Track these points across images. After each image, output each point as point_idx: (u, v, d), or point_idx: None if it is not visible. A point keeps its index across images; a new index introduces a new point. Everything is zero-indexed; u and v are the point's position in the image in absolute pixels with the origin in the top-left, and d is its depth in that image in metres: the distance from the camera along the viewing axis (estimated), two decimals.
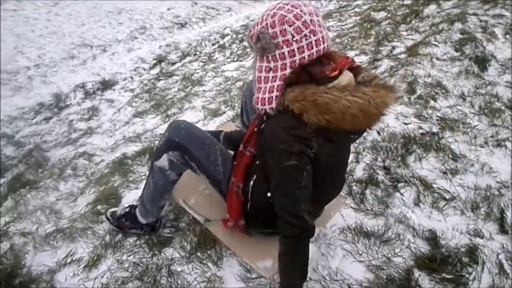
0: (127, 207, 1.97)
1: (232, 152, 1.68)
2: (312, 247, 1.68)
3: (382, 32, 4.16)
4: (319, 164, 1.31)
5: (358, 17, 5.54)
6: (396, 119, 2.41)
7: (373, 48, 3.68)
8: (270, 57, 1.27)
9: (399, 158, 2.10)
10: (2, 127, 4.79)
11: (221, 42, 6.51)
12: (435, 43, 3.36)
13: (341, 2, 7.63)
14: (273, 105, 1.27)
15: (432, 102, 2.60)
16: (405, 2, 5.45)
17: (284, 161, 1.26)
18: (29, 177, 3.28)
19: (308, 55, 1.25)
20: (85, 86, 5.40)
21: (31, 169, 3.45)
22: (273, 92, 1.28)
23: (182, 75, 5.21)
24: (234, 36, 6.71)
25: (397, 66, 3.14)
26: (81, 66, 5.94)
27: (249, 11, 8.05)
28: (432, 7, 4.55)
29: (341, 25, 5.42)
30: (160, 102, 4.25)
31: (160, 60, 6.00)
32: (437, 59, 3.14)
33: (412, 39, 3.68)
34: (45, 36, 6.74)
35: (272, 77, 1.28)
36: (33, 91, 5.43)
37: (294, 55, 1.24)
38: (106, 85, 5.42)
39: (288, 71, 1.27)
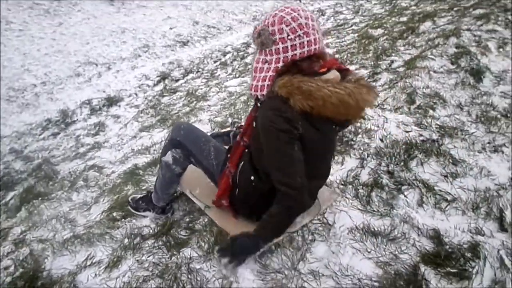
0: (145, 193, 2.30)
1: (227, 147, 1.90)
2: (322, 246, 1.79)
3: (380, 47, 4.32)
4: (305, 146, 1.47)
5: (356, 34, 5.71)
6: (398, 127, 2.53)
7: (372, 63, 3.83)
8: (267, 51, 1.46)
9: (402, 163, 2.21)
10: (10, 143, 4.89)
11: (223, 60, 6.67)
12: (432, 56, 3.50)
13: (338, 21, 7.85)
14: (264, 92, 1.46)
15: (431, 111, 2.73)
16: (401, 20, 5.65)
17: (275, 138, 1.44)
18: (40, 189, 3.37)
19: (300, 53, 1.42)
20: (91, 102, 5.53)
21: (42, 182, 3.54)
22: (265, 81, 1.46)
23: (186, 91, 5.34)
24: (235, 53, 6.88)
25: (396, 78, 3.27)
26: (87, 83, 6.08)
27: (249, 30, 8.25)
28: (428, 24, 4.73)
29: (339, 42, 5.59)
30: (166, 117, 4.36)
31: (163, 77, 6.14)
32: (434, 71, 3.27)
33: (409, 54, 3.83)
34: (50, 54, 6.91)
35: (266, 68, 1.47)
36: (40, 107, 5.56)
37: (287, 51, 1.42)
38: (112, 101, 5.55)
39: (280, 64, 1.44)
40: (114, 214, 2.33)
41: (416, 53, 3.75)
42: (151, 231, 2.05)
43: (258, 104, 1.55)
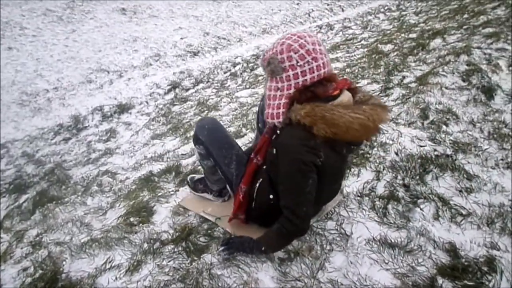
0: (203, 174, 2.31)
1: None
2: (340, 256, 1.82)
3: (391, 63, 4.37)
4: (324, 171, 1.56)
5: (366, 49, 5.79)
6: (412, 141, 2.57)
7: (384, 78, 3.88)
8: (278, 78, 1.53)
9: (418, 177, 2.25)
10: (23, 146, 4.95)
11: (233, 70, 6.76)
12: (443, 73, 3.55)
13: (347, 35, 7.95)
14: (280, 119, 1.54)
15: (444, 127, 2.77)
16: (410, 36, 5.73)
17: (296, 168, 1.52)
18: (53, 193, 3.41)
19: (310, 78, 1.49)
20: (102, 109, 5.60)
21: (55, 186, 3.58)
22: (280, 108, 1.54)
23: (197, 100, 5.40)
24: (245, 65, 6.97)
25: (408, 94, 3.32)
26: (98, 90, 6.16)
27: (258, 42, 8.37)
28: (438, 41, 4.80)
29: (349, 56, 5.67)
30: (178, 126, 4.42)
31: (174, 86, 6.22)
32: (446, 88, 3.32)
33: (420, 70, 3.89)
34: (63, 60, 7.01)
35: (279, 95, 1.54)
36: (52, 112, 5.64)
37: (298, 78, 1.49)
38: (123, 108, 5.62)
39: (292, 90, 1.52)
40: (131, 219, 2.36)
41: (428, 70, 3.80)
42: (169, 236, 2.08)
43: (277, 131, 1.60)
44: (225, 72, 6.74)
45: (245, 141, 3.18)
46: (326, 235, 1.92)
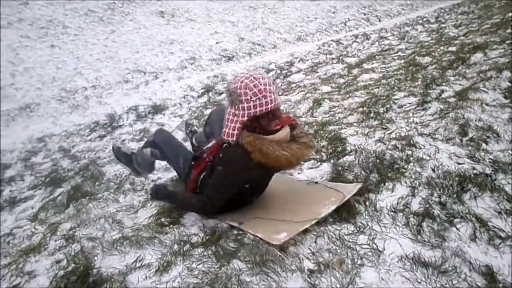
0: (130, 152, 2.89)
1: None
2: (371, 272, 1.78)
3: (429, 76, 4.28)
4: (252, 182, 2.13)
5: (403, 61, 5.69)
6: (450, 158, 2.50)
7: (421, 91, 3.80)
8: (236, 107, 1.99)
9: (455, 195, 2.17)
10: (60, 141, 5.12)
11: None
12: (484, 89, 3.44)
13: (383, 46, 7.85)
14: (234, 138, 2.02)
15: (484, 145, 2.67)
16: (450, 49, 5.59)
17: (228, 174, 2.08)
18: (87, 189, 3.50)
19: (259, 110, 1.96)
20: (137, 109, 5.73)
21: (88, 182, 3.67)
22: (234, 130, 2.01)
23: None
24: (278, 71, 6.98)
25: (447, 109, 3.23)
26: (134, 90, 6.31)
27: (293, 49, 8.37)
28: (479, 55, 4.66)
29: (385, 67, 5.58)
30: None
31: (208, 89, 6.29)
32: (487, 104, 3.21)
33: (460, 84, 3.78)
34: (102, 60, 7.23)
35: (235, 120, 2.01)
36: (89, 110, 5.81)
37: (250, 109, 1.96)
38: (157, 109, 5.72)
39: (245, 118, 1.98)
40: (162, 219, 2.40)
41: (468, 85, 3.69)
42: (199, 239, 2.10)
43: (228, 144, 2.11)
44: None
45: None
46: (358, 249, 1.89)
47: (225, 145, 2.16)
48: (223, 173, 2.08)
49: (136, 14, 9.49)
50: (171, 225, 2.30)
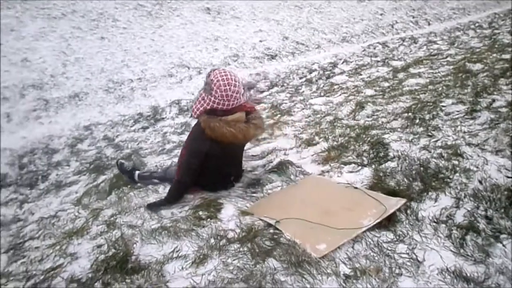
0: (130, 168, 3.46)
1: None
2: (409, 282, 1.74)
3: (480, 83, 4.11)
4: (211, 155, 2.49)
5: (452, 67, 5.49)
6: (499, 171, 2.39)
7: (471, 99, 3.65)
8: (206, 94, 2.44)
9: (502, 210, 2.08)
10: (105, 130, 5.30)
11: (309, 77, 6.73)
12: None
13: (431, 50, 7.59)
14: (195, 115, 2.49)
15: None
16: (503, 57, 5.34)
17: (189, 145, 2.58)
18: None
19: (220, 108, 2.42)
20: (180, 103, 5.84)
21: None
22: (198, 110, 2.47)
23: (270, 103, 5.45)
24: (321, 72, 6.91)
25: (498, 119, 3.09)
26: (178, 85, 6.43)
27: (337, 50, 8.26)
28: None
29: (433, 72, 5.40)
30: None
31: (249, 87, 6.32)
32: None
33: None
34: (148, 53, 7.41)
35: (202, 102, 2.46)
36: (134, 101, 5.97)
37: (214, 103, 2.41)
38: None
39: (208, 107, 2.42)
40: (200, 213, 2.43)
41: None
42: (236, 235, 2.11)
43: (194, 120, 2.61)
44: (300, 78, 6.73)
45: (317, 149, 3.15)
46: (396, 258, 1.84)
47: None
48: (186, 145, 2.62)
49: (183, 10, 9.65)
50: (208, 219, 2.33)
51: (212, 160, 2.53)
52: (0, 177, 4.39)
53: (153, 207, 2.67)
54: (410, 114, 3.53)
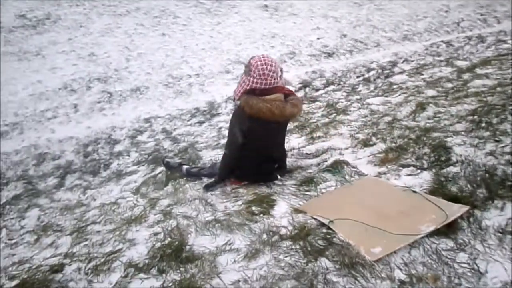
0: (177, 164, 3.66)
1: None
2: None
3: None
4: (250, 134, 2.68)
5: None
6: None
7: None
8: (246, 76, 2.64)
9: None
10: (164, 123, 5.50)
11: (366, 76, 6.57)
12: None
13: (500, 50, 7.14)
14: (236, 97, 2.70)
15: None
16: None
17: (232, 124, 2.79)
18: None
19: (259, 87, 2.60)
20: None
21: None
22: (239, 91, 2.68)
23: (326, 102, 5.38)
24: (379, 71, 6.72)
25: None
26: (234, 81, 6.52)
27: (397, 49, 7.98)
28: None
29: (501, 74, 5.06)
30: (304, 124, 4.45)
31: (305, 85, 6.29)
32: None
33: None
34: (207, 50, 7.58)
35: (242, 85, 2.66)
36: (191, 96, 6.15)
37: (253, 83, 2.60)
38: None
39: (248, 87, 2.62)
40: (253, 208, 2.46)
41: None
42: (288, 232, 2.11)
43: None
44: (358, 77, 6.58)
45: (374, 150, 3.07)
46: (456, 267, 1.76)
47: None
48: (230, 125, 2.83)
49: (242, 7, 9.77)
50: (261, 214, 2.35)
51: (253, 141, 2.70)
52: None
53: (209, 186, 2.96)
54: (475, 117, 3.34)
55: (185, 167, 3.50)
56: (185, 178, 3.36)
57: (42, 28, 8.71)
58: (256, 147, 2.76)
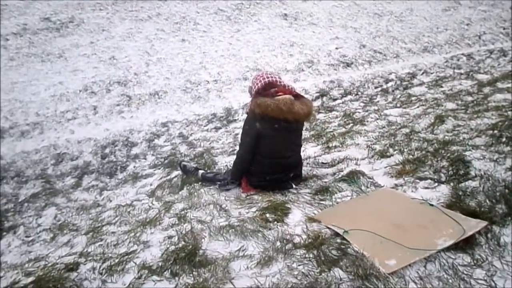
0: (193, 169, 3.69)
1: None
2: None
3: None
4: (262, 136, 2.76)
5: None
6: None
7: None
8: (252, 91, 2.89)
9: None
10: (180, 128, 5.55)
11: (384, 87, 6.53)
12: None
13: None
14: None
15: None
16: None
17: (244, 129, 2.88)
18: None
19: (261, 85, 2.83)
20: None
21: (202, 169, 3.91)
22: (251, 106, 2.76)
23: (343, 111, 5.36)
24: (398, 82, 6.67)
25: None
26: None
27: (416, 60, 7.92)
28: None
29: None
30: (321, 134, 4.44)
31: (322, 94, 6.28)
32: None
33: None
34: (225, 57, 7.65)
35: (252, 98, 2.79)
36: (209, 102, 6.20)
37: (258, 87, 2.82)
38: None
39: (255, 92, 2.84)
40: (267, 215, 2.45)
41: None
42: (302, 241, 2.10)
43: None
44: (376, 87, 6.55)
45: (390, 161, 3.04)
46: (473, 283, 1.72)
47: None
48: (242, 129, 2.91)
49: (261, 15, 9.84)
50: (275, 222, 2.34)
51: (265, 144, 2.79)
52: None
53: (223, 186, 3.11)
54: (495, 131, 3.28)
55: (200, 171, 3.54)
56: (200, 183, 3.38)
57: (65, 31, 8.92)
58: (269, 151, 2.81)
